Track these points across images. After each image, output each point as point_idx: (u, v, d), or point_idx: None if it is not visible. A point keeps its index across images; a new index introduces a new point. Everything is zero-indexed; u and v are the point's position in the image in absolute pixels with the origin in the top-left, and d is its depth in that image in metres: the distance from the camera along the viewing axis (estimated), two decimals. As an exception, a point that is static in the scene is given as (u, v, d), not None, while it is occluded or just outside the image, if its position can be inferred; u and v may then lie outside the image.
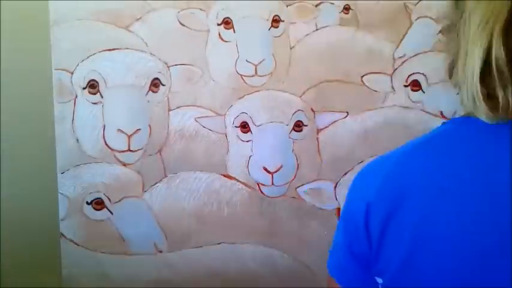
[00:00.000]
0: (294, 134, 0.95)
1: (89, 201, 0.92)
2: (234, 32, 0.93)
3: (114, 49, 0.92)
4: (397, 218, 0.47)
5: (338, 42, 0.95)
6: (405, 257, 0.46)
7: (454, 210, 0.44)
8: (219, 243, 0.95)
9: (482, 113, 0.43)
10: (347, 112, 0.95)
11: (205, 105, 0.94)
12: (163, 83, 0.92)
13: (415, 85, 0.96)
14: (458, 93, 0.46)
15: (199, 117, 0.93)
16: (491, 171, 0.43)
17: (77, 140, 0.91)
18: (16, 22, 1.08)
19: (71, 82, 0.91)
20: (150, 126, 0.92)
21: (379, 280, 0.49)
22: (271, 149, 0.94)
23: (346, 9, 0.94)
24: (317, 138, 0.96)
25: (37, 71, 1.05)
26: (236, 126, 0.94)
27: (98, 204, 0.92)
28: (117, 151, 0.92)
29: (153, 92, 0.92)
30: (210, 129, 0.94)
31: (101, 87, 0.91)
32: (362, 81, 0.95)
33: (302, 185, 0.95)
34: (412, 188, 0.47)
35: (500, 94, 0.41)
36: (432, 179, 0.46)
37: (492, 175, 0.43)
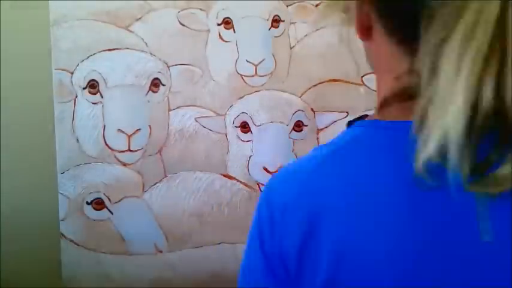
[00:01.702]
0: (294, 134, 0.95)
1: (89, 201, 0.92)
2: (234, 32, 0.93)
3: (114, 49, 0.92)
4: (315, 235, 0.43)
5: (338, 42, 0.95)
6: (327, 277, 0.42)
7: (375, 222, 0.42)
8: (219, 243, 0.95)
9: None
10: (347, 112, 0.95)
11: (205, 105, 0.94)
12: (164, 83, 0.92)
13: (415, 85, 0.96)
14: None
15: (199, 117, 0.93)
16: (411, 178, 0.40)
17: (77, 140, 0.91)
18: (16, 22, 1.08)
19: (71, 82, 0.91)
20: (150, 126, 0.92)
21: None
22: (271, 149, 0.94)
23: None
24: (317, 138, 0.96)
25: (37, 71, 1.05)
26: (236, 126, 0.94)
27: (98, 204, 0.92)
28: (117, 151, 0.92)
29: (153, 92, 0.92)
30: (210, 129, 0.94)
31: (101, 87, 0.91)
32: (362, 81, 0.95)
33: (302, 185, 0.95)
34: (329, 205, 0.43)
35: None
36: (349, 192, 0.43)
37: (411, 181, 0.40)
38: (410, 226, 0.41)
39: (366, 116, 0.48)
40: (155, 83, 0.92)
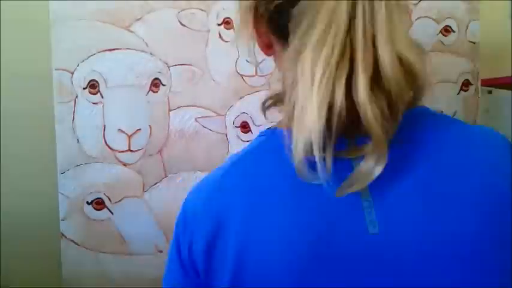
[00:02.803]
0: (294, 134, 0.95)
1: (89, 201, 0.92)
2: (234, 32, 0.93)
3: (114, 49, 0.92)
4: (220, 242, 0.46)
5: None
6: (233, 276, 0.45)
7: (273, 220, 0.44)
8: (219, 243, 0.95)
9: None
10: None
11: (205, 105, 0.94)
12: (164, 83, 0.92)
13: (415, 85, 0.96)
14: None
15: (199, 117, 0.93)
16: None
17: (77, 140, 0.91)
18: (16, 22, 1.08)
19: (71, 82, 0.91)
20: (150, 126, 0.92)
21: None
22: (271, 149, 0.94)
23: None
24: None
25: (37, 71, 1.05)
26: (236, 126, 0.94)
27: (98, 204, 0.92)
28: (118, 151, 0.92)
29: (154, 92, 0.92)
30: (210, 129, 0.94)
31: (101, 87, 0.91)
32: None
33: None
34: (232, 208, 0.46)
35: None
36: (251, 196, 0.46)
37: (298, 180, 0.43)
38: (301, 223, 0.44)
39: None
40: (155, 83, 0.92)
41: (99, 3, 0.91)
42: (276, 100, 0.51)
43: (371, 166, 0.41)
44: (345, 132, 0.42)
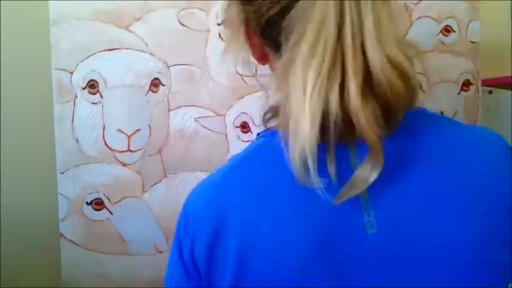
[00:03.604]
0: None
1: (89, 202, 0.91)
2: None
3: (114, 49, 0.91)
4: (221, 244, 0.47)
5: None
6: (234, 276, 0.45)
7: (274, 221, 0.45)
8: (219, 244, 0.95)
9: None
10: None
11: (205, 105, 0.94)
12: (163, 83, 0.92)
13: (416, 85, 0.96)
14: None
15: (199, 117, 0.93)
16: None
17: (77, 140, 0.91)
18: (16, 22, 1.08)
19: (71, 82, 0.91)
20: (150, 126, 0.92)
21: None
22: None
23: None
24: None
25: (37, 71, 1.05)
26: (236, 127, 0.94)
27: (98, 204, 0.91)
28: (117, 151, 0.91)
29: (153, 92, 0.92)
30: (210, 130, 0.94)
31: (101, 87, 0.91)
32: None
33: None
34: (233, 210, 0.47)
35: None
36: (251, 198, 0.47)
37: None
38: (301, 225, 0.44)
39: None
40: (155, 83, 0.92)
41: (99, 3, 0.91)
42: (274, 112, 0.52)
43: (367, 171, 0.42)
44: (345, 137, 0.43)
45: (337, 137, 0.42)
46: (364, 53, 0.42)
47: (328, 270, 0.43)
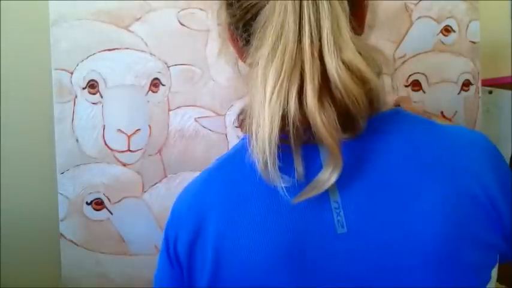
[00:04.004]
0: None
1: (89, 202, 0.91)
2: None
3: (114, 49, 0.91)
4: (200, 243, 0.48)
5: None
6: (212, 275, 0.47)
7: (248, 222, 0.46)
8: (219, 244, 0.95)
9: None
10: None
11: (205, 105, 0.94)
12: (163, 83, 0.92)
13: (416, 85, 0.96)
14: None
15: (199, 117, 0.93)
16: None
17: (77, 140, 0.91)
18: (16, 22, 1.08)
19: (71, 82, 0.91)
20: (150, 126, 0.92)
21: None
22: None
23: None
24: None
25: (37, 71, 1.04)
26: (236, 127, 0.94)
27: (98, 204, 0.91)
28: (117, 151, 0.91)
29: (153, 92, 0.92)
30: (210, 129, 0.94)
31: (101, 87, 0.91)
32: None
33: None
34: (212, 210, 0.48)
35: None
36: (229, 199, 0.48)
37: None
38: (274, 225, 0.45)
39: None
40: (155, 83, 0.92)
41: (99, 3, 0.91)
42: (245, 115, 0.53)
43: (328, 173, 0.43)
44: (311, 139, 0.44)
45: (305, 139, 0.44)
46: (322, 57, 0.43)
47: (298, 270, 0.44)
